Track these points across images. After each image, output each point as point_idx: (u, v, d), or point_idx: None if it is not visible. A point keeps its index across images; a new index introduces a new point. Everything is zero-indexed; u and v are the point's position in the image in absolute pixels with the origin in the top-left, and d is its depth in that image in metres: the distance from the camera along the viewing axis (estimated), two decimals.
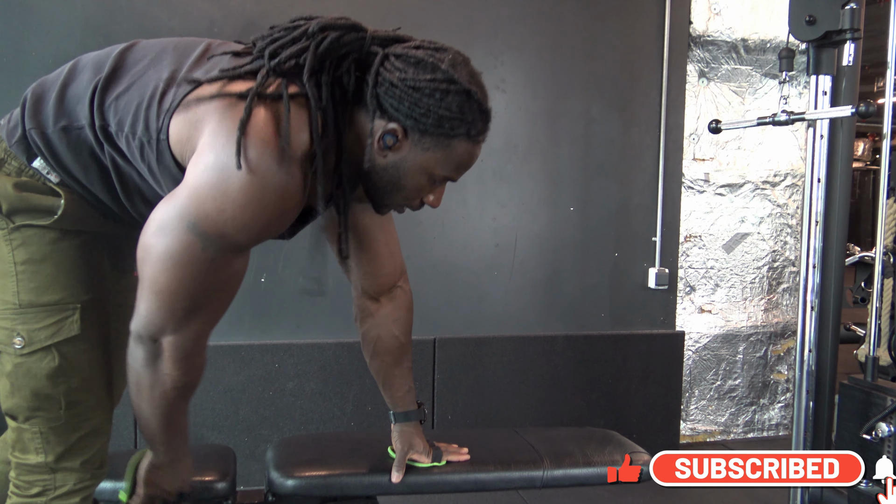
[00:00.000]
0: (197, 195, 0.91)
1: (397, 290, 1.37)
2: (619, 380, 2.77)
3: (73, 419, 1.11)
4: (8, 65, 2.16)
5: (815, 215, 1.94)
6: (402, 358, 1.40)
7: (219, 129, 0.93)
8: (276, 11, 2.35)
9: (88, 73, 1.09)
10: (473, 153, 1.05)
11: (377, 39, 1.07)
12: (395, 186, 1.05)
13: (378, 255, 1.32)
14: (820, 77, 1.90)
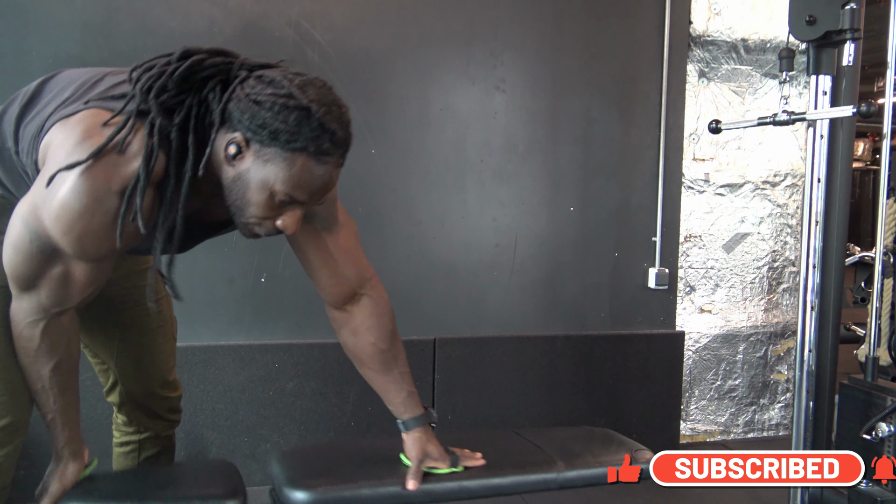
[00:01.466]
0: (34, 205, 1.04)
1: (363, 298, 1.37)
2: (619, 380, 2.77)
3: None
4: (8, 65, 2.16)
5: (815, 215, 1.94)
6: (390, 364, 1.38)
7: (57, 147, 1.04)
8: (275, 11, 2.35)
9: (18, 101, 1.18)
10: (315, 172, 1.04)
11: (247, 66, 1.10)
12: (242, 201, 1.07)
13: (325, 266, 1.33)
14: (820, 77, 1.90)
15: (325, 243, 1.31)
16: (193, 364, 2.34)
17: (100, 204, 1.01)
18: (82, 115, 1.05)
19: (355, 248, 1.36)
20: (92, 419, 2.28)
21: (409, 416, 1.39)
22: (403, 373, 1.40)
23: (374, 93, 2.46)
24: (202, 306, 2.36)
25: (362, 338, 1.38)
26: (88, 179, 0.99)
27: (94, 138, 1.01)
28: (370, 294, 1.38)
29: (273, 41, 2.35)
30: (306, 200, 1.07)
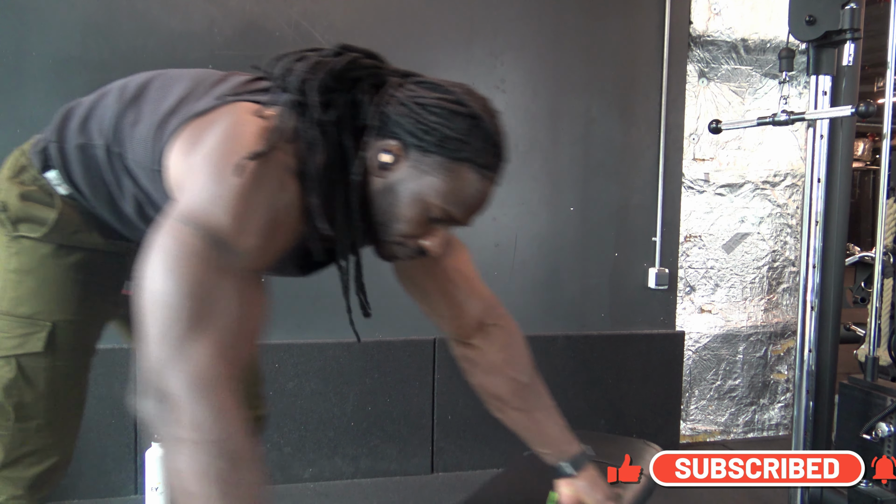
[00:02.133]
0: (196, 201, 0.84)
1: (491, 329, 1.21)
2: (619, 380, 2.77)
3: (20, 434, 1.09)
4: (8, 65, 2.16)
5: (815, 215, 1.94)
6: (539, 397, 1.23)
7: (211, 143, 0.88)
8: (275, 11, 2.35)
9: (113, 97, 1.07)
10: (479, 188, 0.93)
11: (399, 72, 1.01)
12: (389, 216, 0.94)
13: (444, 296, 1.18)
14: (820, 77, 1.90)
15: (442, 270, 1.16)
16: None
17: (281, 191, 0.87)
18: (230, 109, 0.92)
19: (473, 274, 1.20)
20: (92, 419, 2.28)
21: (576, 452, 1.21)
22: (552, 406, 1.24)
23: None
24: None
25: (500, 375, 1.22)
26: (266, 167, 0.85)
27: (252, 129, 0.88)
28: (499, 323, 1.22)
29: (273, 41, 2.35)
30: (460, 219, 0.96)
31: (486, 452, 2.62)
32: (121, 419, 2.30)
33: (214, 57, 2.32)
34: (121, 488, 2.31)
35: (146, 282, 0.80)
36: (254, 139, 0.86)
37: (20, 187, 1.08)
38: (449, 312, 1.19)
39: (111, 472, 2.30)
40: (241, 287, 0.84)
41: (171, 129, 0.95)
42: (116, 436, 2.30)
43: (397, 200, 0.93)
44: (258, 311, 0.88)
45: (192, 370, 0.77)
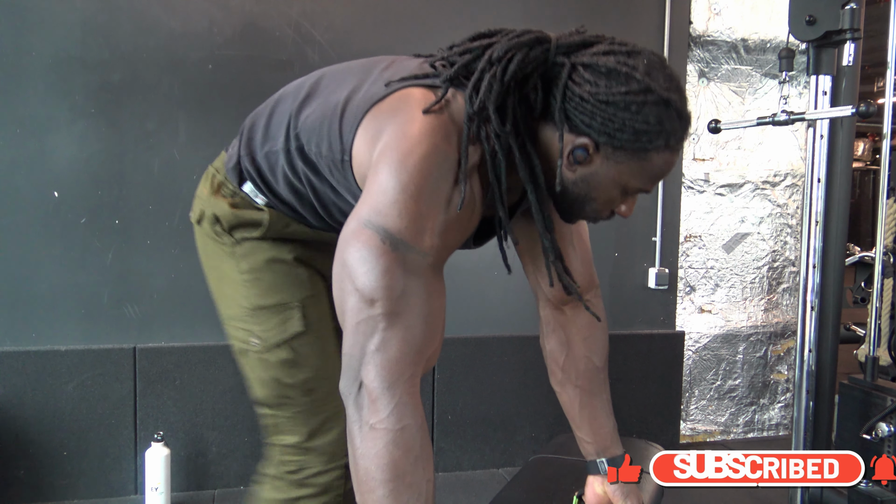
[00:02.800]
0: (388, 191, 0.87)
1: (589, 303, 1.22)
2: (619, 380, 2.77)
3: (313, 405, 1.18)
4: (8, 65, 2.17)
5: (815, 215, 1.94)
6: (602, 386, 1.26)
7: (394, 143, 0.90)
8: (275, 11, 2.35)
9: (288, 99, 1.11)
10: (671, 162, 0.96)
11: (562, 48, 0.96)
12: (585, 199, 0.99)
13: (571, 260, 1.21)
14: (820, 77, 1.90)
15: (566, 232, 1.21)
16: (193, 364, 2.34)
17: (455, 191, 0.90)
18: (403, 97, 0.94)
19: (588, 248, 1.26)
20: (92, 419, 2.28)
21: (617, 454, 1.24)
22: (609, 400, 1.28)
23: None
24: (202, 306, 2.36)
25: (577, 349, 1.25)
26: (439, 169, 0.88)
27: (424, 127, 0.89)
28: (594, 303, 1.24)
29: (273, 41, 2.35)
30: (651, 189, 1.00)
31: (486, 452, 2.62)
32: (121, 419, 2.30)
33: (214, 57, 2.32)
34: (121, 488, 2.31)
35: (341, 280, 0.87)
36: (426, 137, 0.88)
37: (226, 199, 1.19)
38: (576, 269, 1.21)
39: (111, 472, 2.30)
40: (427, 284, 0.90)
41: (352, 119, 0.97)
42: (116, 436, 2.30)
43: (592, 188, 0.97)
44: (441, 305, 0.95)
45: (385, 363, 0.84)
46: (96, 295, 2.27)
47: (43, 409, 2.23)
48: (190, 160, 2.32)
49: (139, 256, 2.30)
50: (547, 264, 1.07)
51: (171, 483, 2.24)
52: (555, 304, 1.27)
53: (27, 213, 2.21)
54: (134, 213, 2.29)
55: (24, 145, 2.19)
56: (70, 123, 2.22)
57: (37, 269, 2.23)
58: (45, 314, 2.24)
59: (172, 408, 2.33)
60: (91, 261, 2.26)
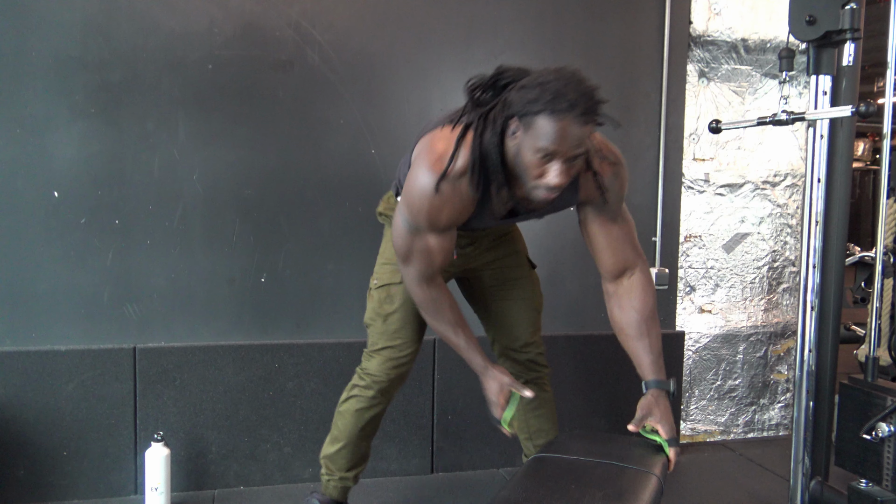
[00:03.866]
0: (403, 199, 1.59)
1: (631, 275, 1.70)
2: (619, 380, 2.77)
3: (387, 331, 1.85)
4: (8, 65, 2.17)
5: (815, 215, 1.94)
6: (643, 333, 1.66)
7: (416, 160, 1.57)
8: (275, 11, 2.35)
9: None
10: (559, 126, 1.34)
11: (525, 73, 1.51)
12: (522, 167, 1.42)
13: (600, 250, 1.70)
14: (820, 77, 1.90)
15: (608, 229, 1.68)
16: (193, 364, 2.34)
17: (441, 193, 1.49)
18: (431, 132, 1.58)
19: (629, 238, 1.70)
20: (92, 419, 2.28)
21: (650, 378, 1.64)
22: (654, 344, 1.67)
23: (374, 93, 2.46)
24: (202, 306, 2.37)
25: (627, 308, 1.69)
26: (429, 176, 1.49)
27: (435, 145, 1.52)
28: (638, 275, 1.70)
29: (273, 41, 2.35)
30: (560, 150, 1.36)
31: (486, 452, 2.62)
32: (121, 419, 2.30)
33: (214, 57, 2.32)
34: (121, 488, 2.31)
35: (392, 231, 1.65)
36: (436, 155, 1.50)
37: (389, 203, 1.87)
38: (606, 257, 1.70)
39: (111, 472, 2.30)
40: (426, 242, 1.58)
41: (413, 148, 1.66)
42: (116, 436, 2.30)
43: (522, 154, 1.41)
44: (439, 252, 1.60)
45: (408, 277, 1.66)
46: (96, 295, 2.27)
47: (43, 409, 2.23)
48: (190, 160, 2.32)
49: (139, 256, 2.30)
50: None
51: (171, 483, 2.24)
52: (607, 278, 1.73)
53: (27, 213, 2.21)
54: (134, 213, 2.29)
55: (24, 145, 2.19)
56: (70, 123, 2.22)
57: (37, 269, 2.23)
58: (45, 314, 2.24)
59: (172, 408, 2.33)
60: (91, 261, 2.26)
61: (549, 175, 1.39)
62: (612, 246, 1.68)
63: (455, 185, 1.49)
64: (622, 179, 1.67)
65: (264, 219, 2.39)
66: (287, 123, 2.39)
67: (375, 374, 1.86)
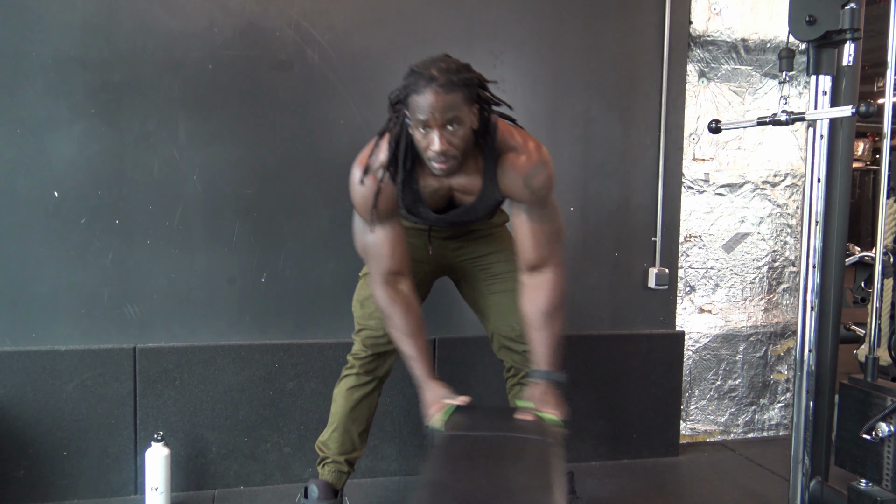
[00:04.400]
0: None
1: (543, 273, 1.80)
2: (619, 380, 2.77)
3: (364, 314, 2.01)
4: (8, 65, 2.17)
5: (815, 215, 1.94)
6: (543, 325, 1.78)
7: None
8: (276, 11, 2.35)
9: None
10: (423, 99, 1.53)
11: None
12: (418, 146, 1.61)
13: (519, 243, 1.80)
14: (820, 77, 1.90)
15: (529, 226, 1.77)
16: (193, 364, 2.34)
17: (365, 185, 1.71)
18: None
19: (548, 239, 1.79)
20: (92, 419, 2.28)
21: (542, 368, 1.78)
22: (551, 338, 1.78)
23: (374, 93, 2.45)
24: (202, 306, 2.37)
25: (533, 301, 1.80)
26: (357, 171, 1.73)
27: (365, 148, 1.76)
28: (549, 275, 1.80)
29: (273, 41, 2.35)
30: (429, 119, 1.54)
31: None
32: (121, 419, 2.30)
33: (214, 57, 2.32)
34: (121, 488, 2.31)
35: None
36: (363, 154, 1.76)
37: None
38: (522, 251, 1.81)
39: (111, 472, 2.30)
40: (374, 235, 1.76)
41: None
42: (116, 436, 2.30)
43: (414, 136, 1.61)
44: (387, 245, 1.76)
45: (370, 278, 1.83)
46: (96, 295, 2.27)
47: (43, 409, 2.23)
48: (190, 160, 2.32)
49: (139, 256, 2.30)
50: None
51: (171, 483, 2.24)
52: (522, 269, 1.83)
53: (27, 213, 2.21)
54: (134, 213, 2.29)
55: (24, 145, 2.19)
56: (70, 123, 2.22)
57: (37, 269, 2.23)
58: (45, 314, 2.24)
59: (172, 408, 2.33)
60: (91, 261, 2.26)
61: (432, 144, 1.56)
62: (530, 242, 1.78)
63: (378, 177, 1.69)
64: (543, 179, 1.73)
65: (264, 219, 2.39)
66: (287, 123, 2.39)
67: (357, 353, 2.02)
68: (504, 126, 1.74)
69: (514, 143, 1.72)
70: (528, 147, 1.72)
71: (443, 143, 1.56)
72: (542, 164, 1.73)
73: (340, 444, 2.04)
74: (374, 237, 1.76)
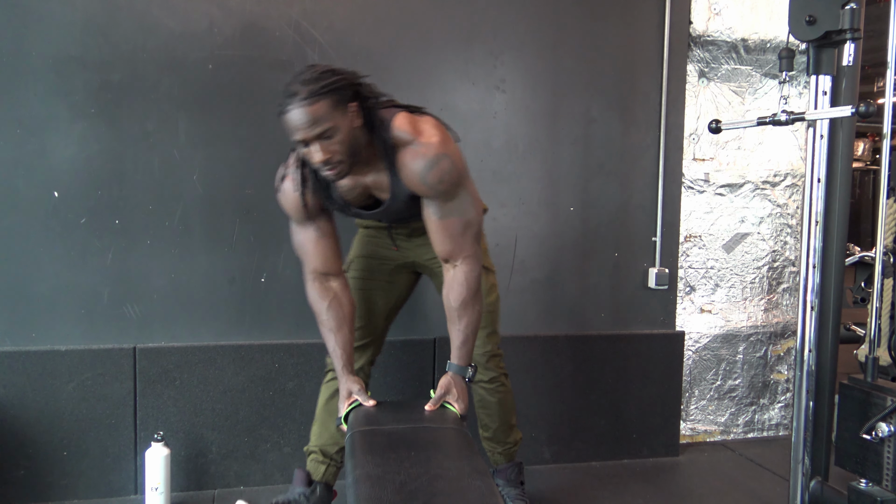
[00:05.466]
0: None
1: (456, 268, 1.78)
2: (619, 380, 2.77)
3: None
4: (8, 65, 2.17)
5: (815, 215, 1.94)
6: (455, 319, 1.79)
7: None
8: (276, 11, 2.35)
9: None
10: (290, 116, 1.55)
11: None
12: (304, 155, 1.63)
13: (430, 236, 1.79)
14: (820, 77, 1.90)
15: (435, 220, 1.74)
16: (193, 364, 2.34)
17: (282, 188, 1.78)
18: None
19: (455, 233, 1.74)
20: (92, 419, 2.28)
21: (453, 361, 1.81)
22: (463, 331, 1.79)
23: None
24: (202, 306, 2.37)
25: (448, 294, 1.80)
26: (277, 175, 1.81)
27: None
28: (460, 268, 1.77)
29: (273, 41, 2.35)
30: (303, 137, 1.55)
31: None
32: (121, 419, 2.30)
33: (214, 57, 2.32)
34: (121, 488, 2.31)
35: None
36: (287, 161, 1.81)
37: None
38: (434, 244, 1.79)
39: (111, 472, 2.30)
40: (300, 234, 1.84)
41: None
42: (116, 436, 2.30)
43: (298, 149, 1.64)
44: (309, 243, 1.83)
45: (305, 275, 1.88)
46: (96, 295, 2.27)
47: (43, 409, 2.23)
48: (190, 160, 2.32)
49: (139, 256, 2.30)
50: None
51: (171, 483, 2.24)
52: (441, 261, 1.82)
53: (27, 213, 2.21)
54: (134, 213, 2.29)
55: (24, 145, 2.19)
56: (70, 123, 2.22)
57: (37, 269, 2.23)
58: (45, 314, 2.24)
59: (172, 408, 2.33)
60: (91, 261, 2.26)
61: (312, 157, 1.57)
62: (438, 237, 1.76)
63: (294, 179, 1.74)
64: (440, 173, 1.66)
65: (264, 219, 2.39)
66: None
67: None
68: (401, 119, 1.67)
69: (409, 136, 1.66)
70: (424, 140, 1.65)
71: (323, 153, 1.56)
72: (438, 157, 1.65)
73: (318, 435, 2.08)
74: (300, 237, 1.83)
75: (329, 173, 1.61)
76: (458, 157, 1.70)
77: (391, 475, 1.37)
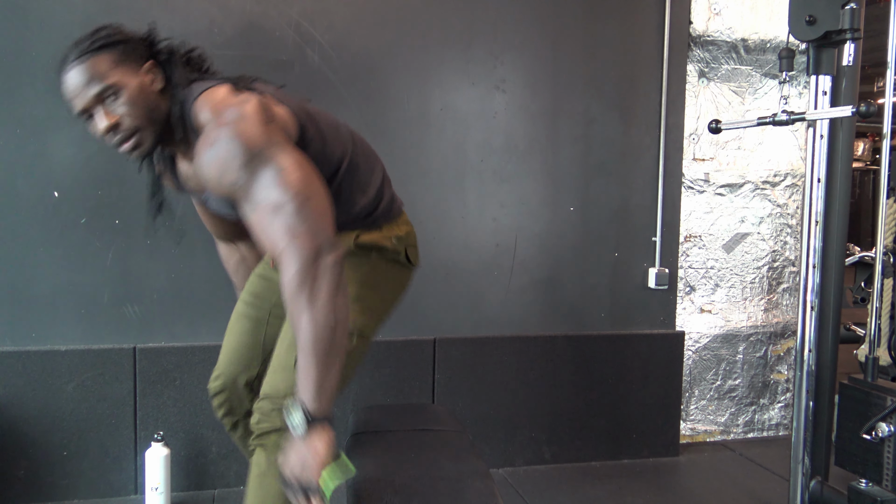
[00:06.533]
0: None
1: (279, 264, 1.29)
2: (619, 380, 2.77)
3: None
4: (8, 65, 2.17)
5: (815, 215, 1.94)
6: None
7: None
8: (275, 11, 2.35)
9: None
10: (64, 86, 1.34)
11: None
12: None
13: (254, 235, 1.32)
14: (820, 77, 1.90)
15: (250, 222, 1.26)
16: (193, 364, 2.34)
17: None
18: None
19: (266, 226, 1.23)
20: (92, 419, 2.28)
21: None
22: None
23: (374, 93, 2.46)
24: (202, 306, 2.36)
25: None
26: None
27: None
28: (281, 266, 1.25)
29: (273, 41, 2.35)
30: (83, 106, 1.33)
31: (486, 452, 2.62)
32: (121, 419, 2.30)
33: (214, 57, 2.31)
34: (121, 488, 2.31)
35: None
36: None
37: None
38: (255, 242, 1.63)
39: (111, 472, 2.30)
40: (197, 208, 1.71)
41: None
42: (116, 436, 2.30)
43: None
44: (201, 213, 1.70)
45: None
46: (96, 295, 2.27)
47: (43, 409, 2.23)
48: None
49: (139, 256, 2.30)
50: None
51: (171, 483, 2.24)
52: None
53: (27, 213, 2.21)
54: (134, 213, 2.29)
55: (24, 145, 2.19)
56: (70, 123, 2.22)
57: (37, 269, 2.23)
58: (45, 314, 2.24)
59: (172, 408, 2.33)
60: (91, 261, 2.26)
61: (98, 128, 1.33)
62: (254, 231, 1.27)
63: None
64: (218, 163, 1.22)
65: None
66: None
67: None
68: (210, 94, 1.30)
69: (207, 117, 1.27)
70: (215, 123, 1.25)
71: (107, 117, 1.27)
72: (216, 143, 1.23)
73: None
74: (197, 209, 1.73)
75: (125, 146, 1.30)
76: (250, 132, 1.22)
77: (392, 477, 1.37)
